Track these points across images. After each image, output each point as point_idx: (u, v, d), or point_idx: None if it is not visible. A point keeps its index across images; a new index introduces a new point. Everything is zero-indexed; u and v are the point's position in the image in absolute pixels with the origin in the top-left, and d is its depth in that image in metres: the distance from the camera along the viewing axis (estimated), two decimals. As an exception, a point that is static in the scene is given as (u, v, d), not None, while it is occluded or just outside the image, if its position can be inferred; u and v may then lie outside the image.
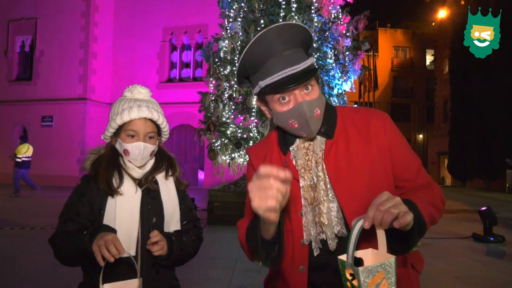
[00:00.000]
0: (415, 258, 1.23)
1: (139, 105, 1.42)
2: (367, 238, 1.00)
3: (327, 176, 1.13)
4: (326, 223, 1.12)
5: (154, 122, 1.46)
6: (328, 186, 1.13)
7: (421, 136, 31.01)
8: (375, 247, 0.91)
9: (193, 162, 17.06)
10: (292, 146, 1.20)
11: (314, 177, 1.15)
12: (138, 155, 1.42)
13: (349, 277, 0.84)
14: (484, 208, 6.11)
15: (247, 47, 1.09)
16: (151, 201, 1.47)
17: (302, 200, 1.16)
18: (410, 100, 31.20)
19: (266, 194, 0.85)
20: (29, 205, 9.90)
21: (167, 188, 1.52)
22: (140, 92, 1.48)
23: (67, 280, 3.65)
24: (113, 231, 1.32)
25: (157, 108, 1.48)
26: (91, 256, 1.22)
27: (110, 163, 1.44)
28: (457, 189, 18.17)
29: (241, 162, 7.69)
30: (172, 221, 1.51)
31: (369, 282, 0.81)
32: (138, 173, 1.46)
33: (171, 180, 1.55)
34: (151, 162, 1.50)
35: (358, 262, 0.85)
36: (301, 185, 1.16)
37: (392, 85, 31.19)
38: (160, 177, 1.52)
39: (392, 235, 0.92)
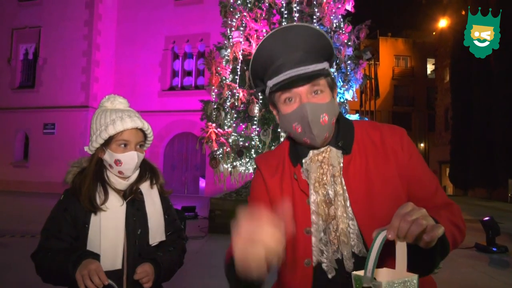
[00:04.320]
0: (427, 285, 1.08)
1: (129, 115, 1.42)
2: (380, 257, 0.93)
3: (346, 192, 1.05)
4: (345, 241, 1.03)
5: (142, 131, 1.47)
6: (348, 202, 1.05)
7: (422, 144, 30.97)
8: (390, 266, 0.83)
9: (195, 170, 17.03)
10: (305, 159, 1.11)
11: (331, 192, 1.07)
12: (132, 164, 1.41)
13: None
14: (486, 218, 6.07)
15: (259, 44, 1.07)
16: (136, 212, 1.46)
17: (313, 216, 1.07)
18: (411, 108, 31.23)
19: (250, 253, 0.75)
20: (29, 213, 9.88)
21: (152, 199, 1.51)
22: (121, 102, 1.49)
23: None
24: (97, 257, 1.32)
25: (141, 117, 1.50)
26: (73, 282, 1.23)
27: (94, 178, 1.42)
28: (459, 198, 18.08)
29: (242, 171, 7.68)
30: (158, 232, 1.49)
31: None
32: (123, 185, 1.45)
33: (155, 189, 1.54)
34: (136, 172, 1.49)
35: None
36: (312, 200, 1.07)
37: (393, 94, 31.25)
38: (144, 187, 1.50)
39: (410, 254, 0.82)
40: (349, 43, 7.64)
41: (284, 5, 7.32)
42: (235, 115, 7.66)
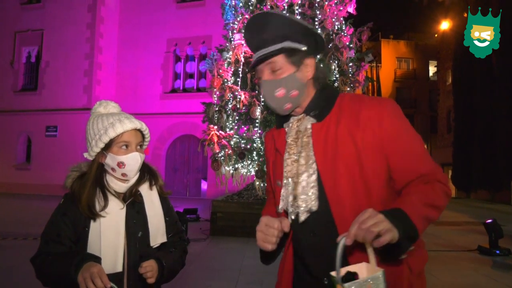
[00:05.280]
0: (412, 258, 1.11)
1: (126, 117, 1.44)
2: (361, 251, 1.01)
3: (312, 150, 1.17)
4: (300, 192, 1.16)
5: (140, 132, 1.48)
6: (312, 159, 1.17)
7: (424, 146, 30.89)
8: (367, 260, 0.96)
9: (196, 172, 17.03)
10: (286, 123, 1.28)
11: (301, 151, 1.20)
12: (135, 165, 1.42)
13: None
14: (489, 221, 6.04)
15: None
16: (136, 215, 1.46)
17: (284, 172, 1.23)
18: (413, 110, 31.18)
19: (266, 239, 1.14)
20: (31, 215, 9.90)
21: (152, 201, 1.51)
22: (114, 107, 1.51)
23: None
24: (98, 259, 1.32)
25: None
26: (74, 285, 1.23)
27: (94, 184, 1.41)
28: (462, 200, 18.02)
29: (244, 173, 7.67)
30: (158, 233, 1.49)
31: None
32: (123, 188, 1.45)
33: (155, 191, 1.54)
34: (136, 175, 1.48)
35: (353, 276, 0.92)
36: (285, 157, 1.23)
37: (395, 96, 31.19)
38: (144, 188, 1.50)
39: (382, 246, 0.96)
40: (351, 46, 7.64)
41: (285, 7, 7.33)
42: (237, 118, 7.66)
